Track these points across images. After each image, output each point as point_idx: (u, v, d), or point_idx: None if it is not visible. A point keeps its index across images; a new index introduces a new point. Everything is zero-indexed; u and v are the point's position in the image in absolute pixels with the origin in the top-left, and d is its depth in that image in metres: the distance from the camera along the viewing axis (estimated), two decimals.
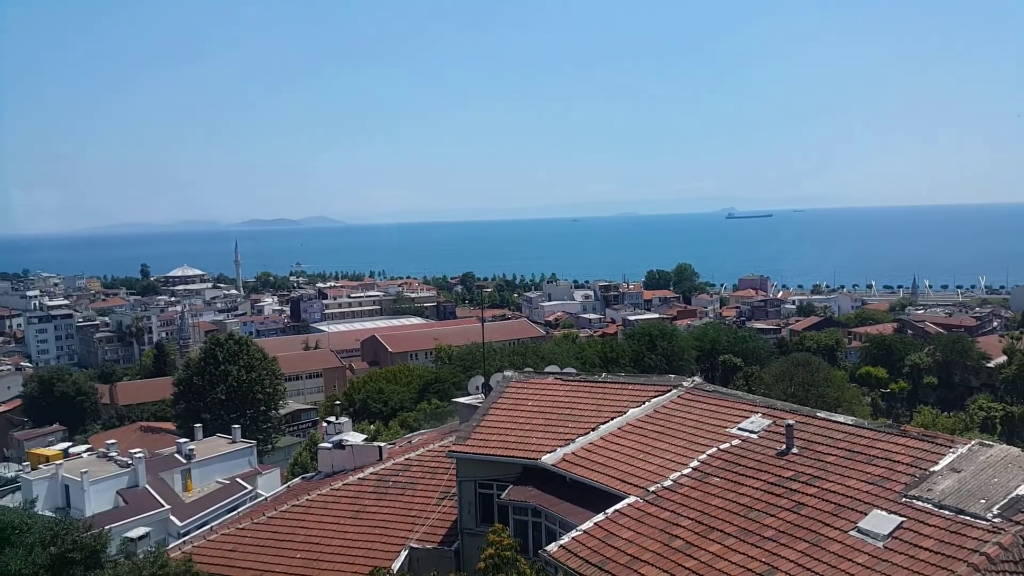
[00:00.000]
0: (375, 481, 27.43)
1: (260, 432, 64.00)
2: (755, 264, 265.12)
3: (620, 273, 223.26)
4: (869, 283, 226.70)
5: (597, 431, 22.29)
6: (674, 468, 19.47)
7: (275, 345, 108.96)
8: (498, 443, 22.94)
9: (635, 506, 18.25)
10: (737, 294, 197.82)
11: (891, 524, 14.77)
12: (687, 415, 22.39)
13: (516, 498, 21.04)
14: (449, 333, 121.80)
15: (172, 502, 38.76)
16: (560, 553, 17.03)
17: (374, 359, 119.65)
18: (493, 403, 25.39)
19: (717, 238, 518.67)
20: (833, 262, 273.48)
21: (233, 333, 79.91)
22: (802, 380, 64.05)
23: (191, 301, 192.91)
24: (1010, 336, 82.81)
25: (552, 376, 27.77)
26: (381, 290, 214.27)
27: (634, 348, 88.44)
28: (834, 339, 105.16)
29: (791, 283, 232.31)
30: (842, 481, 16.74)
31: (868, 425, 19.44)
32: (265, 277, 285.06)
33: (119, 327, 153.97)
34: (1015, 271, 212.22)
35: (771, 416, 20.72)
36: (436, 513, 24.69)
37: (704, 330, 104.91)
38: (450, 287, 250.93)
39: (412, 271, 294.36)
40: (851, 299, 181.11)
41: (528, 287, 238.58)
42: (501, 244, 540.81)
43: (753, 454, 19.07)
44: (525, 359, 71.79)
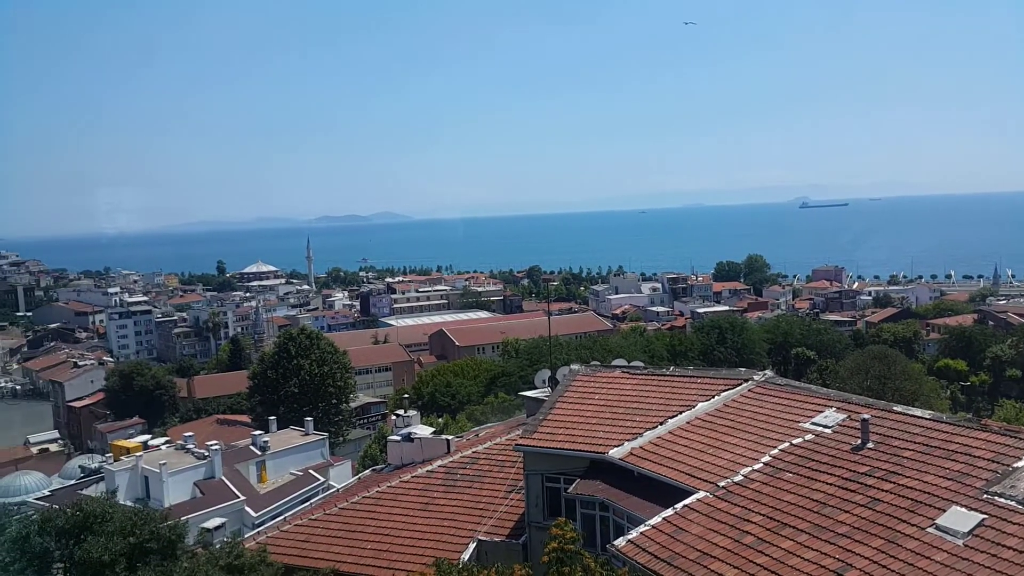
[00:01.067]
0: (443, 474, 27.84)
1: (331, 425, 65.43)
2: (829, 255, 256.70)
3: (688, 265, 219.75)
4: (948, 273, 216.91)
5: (665, 425, 22.12)
6: (745, 463, 19.22)
7: (345, 339, 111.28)
8: (565, 437, 22.98)
9: (705, 501, 18.10)
10: (810, 285, 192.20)
11: (971, 522, 14.29)
12: (758, 409, 22.04)
13: (583, 492, 21.08)
14: (516, 327, 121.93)
15: (247, 493, 39.87)
16: (628, 548, 17.03)
17: (442, 353, 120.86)
18: (560, 397, 25.43)
19: (790, 228, 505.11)
20: (911, 252, 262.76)
21: (305, 328, 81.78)
22: (878, 373, 62.04)
23: (265, 297, 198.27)
24: None
25: (619, 369, 27.58)
26: (448, 284, 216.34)
27: (703, 341, 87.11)
28: (911, 331, 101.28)
29: (867, 274, 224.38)
30: (919, 477, 16.27)
31: (947, 419, 18.79)
32: (335, 273, 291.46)
33: (196, 322, 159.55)
34: None
35: (846, 410, 20.24)
36: (504, 506, 24.92)
37: (776, 322, 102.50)
38: (517, 281, 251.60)
39: (479, 265, 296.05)
40: (929, 289, 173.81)
41: (595, 280, 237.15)
42: (568, 237, 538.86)
43: (827, 449, 18.67)
44: (592, 352, 71.57)
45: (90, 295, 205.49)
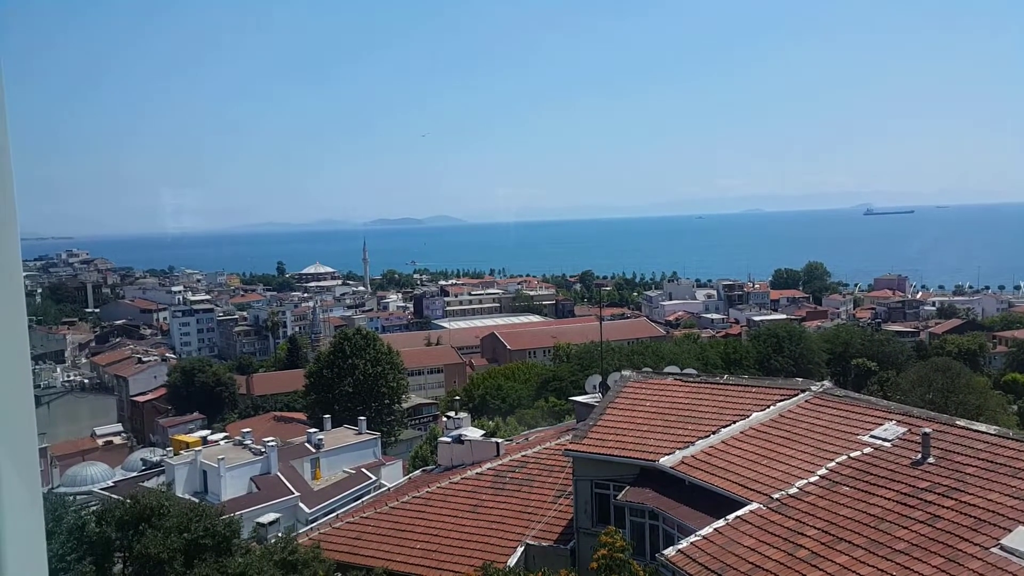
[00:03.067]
0: (492, 476, 27.99)
1: (384, 424, 66.14)
2: (893, 263, 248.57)
3: (745, 272, 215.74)
4: (1017, 284, 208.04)
5: (718, 434, 21.90)
6: (800, 475, 18.88)
7: (399, 340, 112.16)
8: (615, 443, 22.90)
9: (758, 513, 17.83)
10: (872, 294, 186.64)
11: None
12: (815, 421, 21.61)
13: (633, 499, 20.98)
14: (567, 331, 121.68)
15: (301, 489, 40.68)
16: (678, 558, 16.88)
17: (493, 356, 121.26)
18: (611, 402, 25.34)
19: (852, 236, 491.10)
20: (978, 261, 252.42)
21: (360, 328, 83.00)
22: (941, 386, 59.90)
23: (322, 297, 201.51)
24: None
25: (671, 376, 27.39)
26: (501, 288, 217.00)
27: (759, 349, 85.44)
28: (977, 343, 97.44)
29: (932, 283, 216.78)
30: (983, 494, 15.72)
31: (1013, 435, 18.10)
32: (390, 275, 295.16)
33: (256, 321, 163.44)
34: None
35: (906, 423, 19.69)
36: (552, 511, 24.94)
37: (835, 332, 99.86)
38: (569, 285, 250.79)
39: (531, 269, 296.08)
40: (996, 301, 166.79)
41: (648, 286, 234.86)
42: (623, 241, 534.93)
43: (886, 463, 18.21)
44: (644, 359, 70.87)
45: (155, 293, 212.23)
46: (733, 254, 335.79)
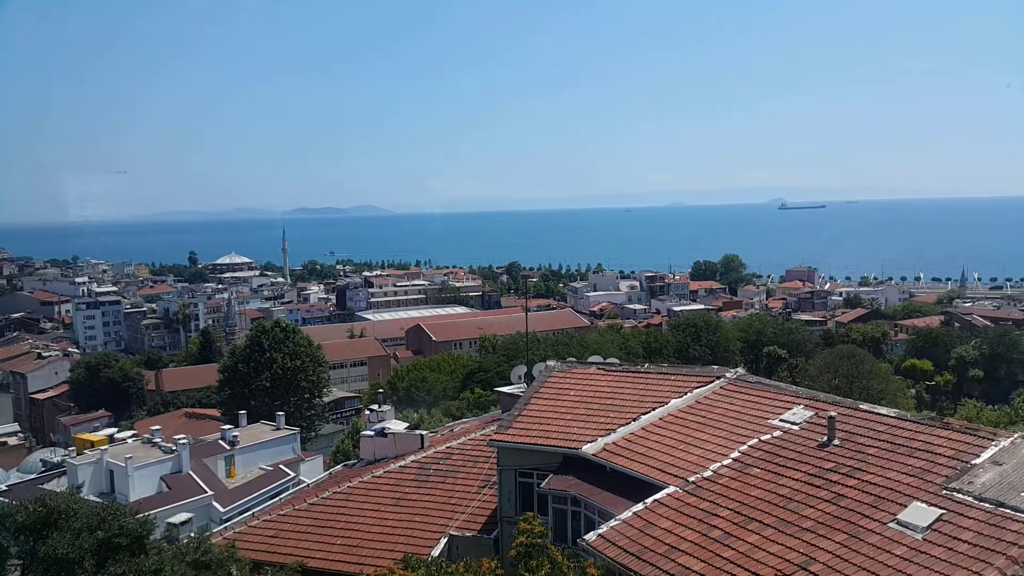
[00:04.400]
0: (416, 469, 27.81)
1: (304, 419, 64.93)
2: (804, 256, 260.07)
3: (667, 264, 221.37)
4: (917, 275, 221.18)
5: (638, 421, 22.32)
6: (714, 459, 19.51)
7: (320, 333, 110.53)
8: (539, 432, 23.07)
9: (674, 496, 18.34)
10: (784, 285, 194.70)
11: (930, 517, 14.68)
12: (729, 406, 22.35)
13: (556, 487, 21.22)
14: (494, 322, 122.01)
15: (215, 488, 39.30)
16: (598, 542, 17.21)
17: (418, 348, 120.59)
18: (535, 392, 25.50)
19: (767, 229, 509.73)
20: (882, 254, 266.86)
21: (279, 321, 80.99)
22: (847, 372, 63.15)
23: (238, 289, 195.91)
24: None
25: (595, 366, 27.71)
26: (427, 279, 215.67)
27: (679, 339, 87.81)
28: (880, 331, 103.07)
29: (839, 275, 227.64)
30: (883, 473, 16.65)
31: (911, 417, 19.23)
32: (312, 265, 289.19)
33: (166, 314, 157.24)
34: None
35: (813, 408, 20.61)
36: (476, 501, 24.98)
37: (749, 321, 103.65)
38: (496, 277, 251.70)
39: (458, 260, 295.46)
40: (898, 291, 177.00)
41: (574, 277, 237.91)
42: (550, 234, 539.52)
43: (794, 445, 19.01)
44: (569, 349, 71.80)
45: (56, 284, 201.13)
46: (656, 247, 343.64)
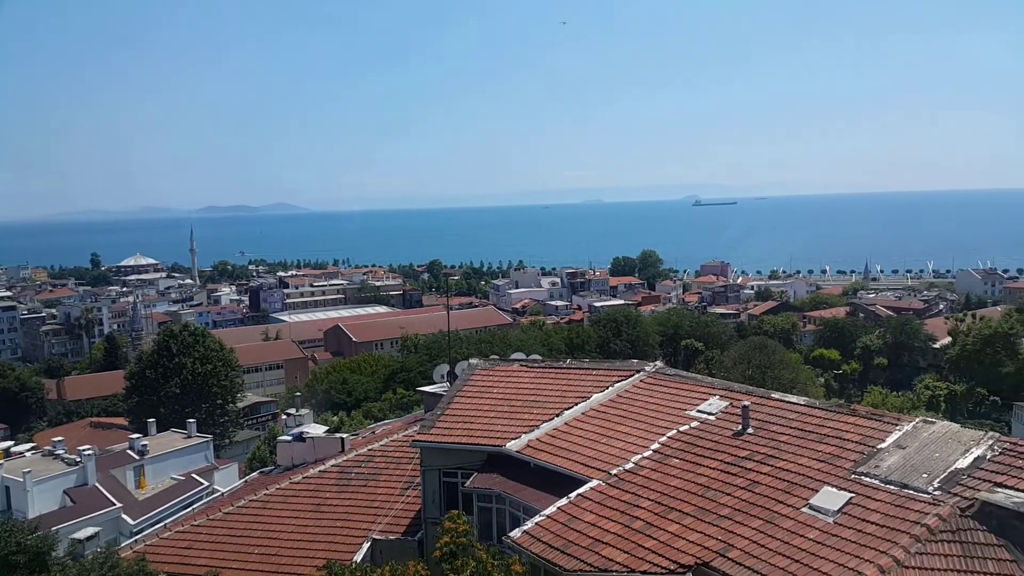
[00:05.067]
0: (337, 473, 27.25)
1: (217, 426, 63.05)
2: (717, 251, 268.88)
3: (587, 260, 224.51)
4: (823, 268, 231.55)
5: (561, 417, 22.48)
6: (635, 451, 19.80)
7: (233, 336, 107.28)
8: (463, 431, 22.96)
9: (597, 489, 18.51)
10: (699, 280, 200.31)
11: (840, 500, 15.30)
12: (648, 399, 22.76)
13: (480, 485, 21.14)
14: (415, 322, 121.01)
15: (124, 500, 37.79)
16: (523, 538, 17.18)
17: (338, 349, 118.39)
18: (458, 391, 25.38)
19: (682, 225, 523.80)
20: (790, 248, 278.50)
21: (188, 324, 77.82)
22: (759, 363, 65.44)
23: (144, 292, 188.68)
24: (955, 318, 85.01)
25: (517, 363, 27.84)
26: (345, 278, 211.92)
27: (600, 334, 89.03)
28: (790, 323, 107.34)
29: (750, 269, 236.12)
30: (795, 459, 17.25)
31: (820, 405, 20.04)
32: (222, 266, 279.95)
33: (67, 319, 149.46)
34: (960, 256, 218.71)
35: (728, 398, 21.20)
36: (400, 504, 24.63)
37: (667, 315, 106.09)
38: (417, 275, 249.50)
39: (378, 259, 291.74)
40: (806, 284, 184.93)
41: (496, 275, 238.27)
42: (471, 231, 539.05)
43: (711, 435, 19.50)
44: (492, 347, 71.74)
45: None
46: (576, 243, 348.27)
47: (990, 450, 15.93)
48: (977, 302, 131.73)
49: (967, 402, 65.35)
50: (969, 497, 14.51)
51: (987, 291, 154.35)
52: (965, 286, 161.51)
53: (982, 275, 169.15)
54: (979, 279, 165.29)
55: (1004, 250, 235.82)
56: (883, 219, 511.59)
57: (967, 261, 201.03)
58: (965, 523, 14.00)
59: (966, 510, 14.26)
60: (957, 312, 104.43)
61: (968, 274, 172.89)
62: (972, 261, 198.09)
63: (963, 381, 68.23)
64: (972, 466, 15.49)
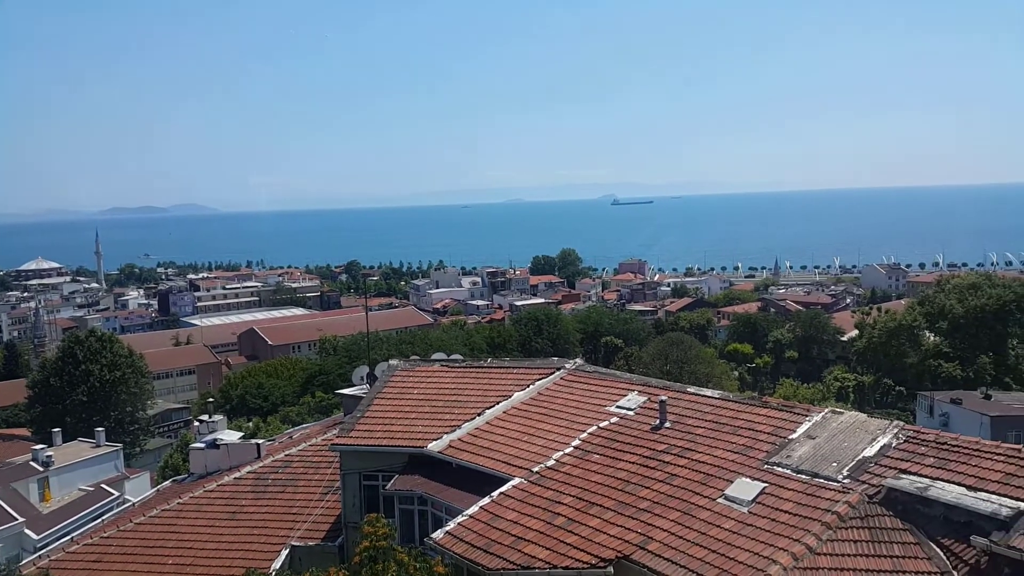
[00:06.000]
0: (253, 480, 26.45)
1: (126, 435, 60.75)
2: (635, 249, 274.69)
3: (507, 259, 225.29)
4: (736, 265, 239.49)
5: (483, 416, 22.44)
6: (557, 448, 19.91)
7: (142, 341, 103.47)
8: (383, 433, 22.68)
9: (519, 487, 18.51)
10: (618, 278, 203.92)
11: (754, 490, 15.75)
12: (569, 396, 22.93)
13: (401, 487, 20.88)
14: (333, 323, 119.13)
15: (26, 514, 35.73)
16: (445, 539, 17.03)
17: (252, 353, 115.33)
18: (378, 393, 25.07)
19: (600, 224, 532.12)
20: (705, 246, 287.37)
21: (94, 330, 74.55)
22: (676, 358, 67.18)
23: (46, 296, 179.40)
24: (861, 312, 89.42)
25: (438, 363, 27.68)
26: (260, 280, 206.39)
27: (521, 333, 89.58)
28: (705, 318, 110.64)
29: (667, 267, 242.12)
30: (710, 452, 17.68)
31: (734, 398, 20.65)
32: (130, 269, 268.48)
33: None
34: (865, 252, 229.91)
35: (646, 393, 21.56)
36: (319, 509, 24.09)
37: (587, 313, 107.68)
38: (335, 276, 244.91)
39: (294, 260, 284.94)
40: (720, 280, 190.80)
41: (416, 275, 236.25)
42: (390, 232, 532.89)
43: (630, 430, 19.78)
44: (412, 347, 71.18)
45: None
46: (496, 242, 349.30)
47: (895, 438, 16.69)
48: (882, 296, 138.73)
49: (874, 392, 68.94)
50: (876, 484, 15.16)
51: (891, 285, 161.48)
52: (870, 281, 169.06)
53: (886, 270, 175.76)
54: (883, 274, 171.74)
55: (907, 245, 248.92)
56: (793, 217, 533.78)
57: (872, 256, 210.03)
58: (873, 509, 14.62)
59: (873, 497, 14.91)
60: (863, 306, 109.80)
61: (873, 269, 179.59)
62: (877, 256, 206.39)
63: (870, 372, 71.89)
64: (878, 454, 16.20)
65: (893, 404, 64.77)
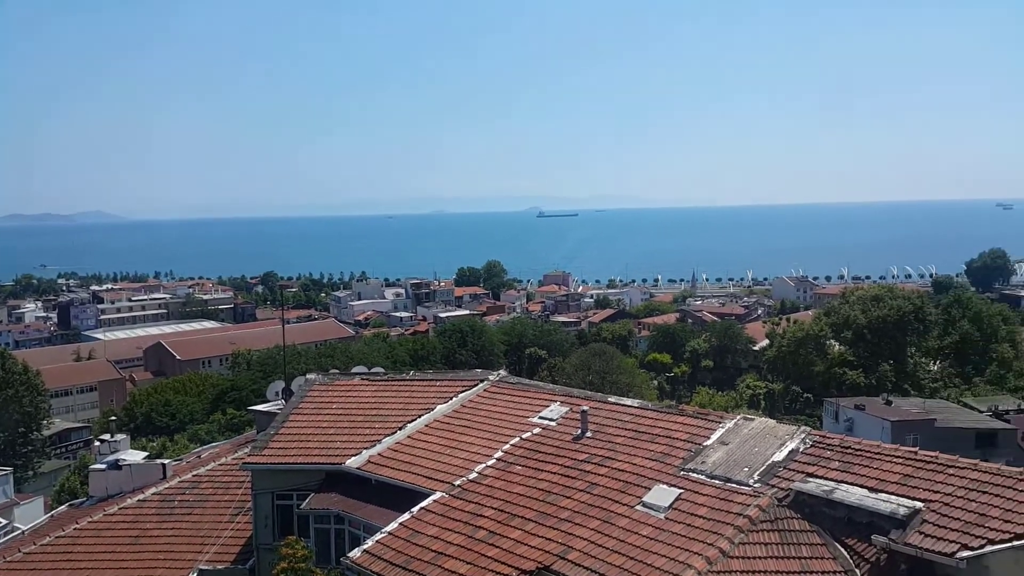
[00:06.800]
0: (158, 502, 25.17)
1: (19, 457, 57.39)
2: (559, 261, 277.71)
3: (432, 271, 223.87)
4: (656, 277, 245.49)
5: (404, 430, 22.13)
6: (479, 460, 19.74)
7: (39, 357, 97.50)
8: (299, 450, 22.05)
9: (440, 502, 18.24)
10: (542, 289, 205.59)
11: (671, 496, 15.99)
12: (492, 408, 22.83)
13: (317, 506, 20.28)
14: (248, 337, 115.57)
15: None
16: (363, 558, 16.60)
17: (160, 369, 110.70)
18: (294, 408, 24.39)
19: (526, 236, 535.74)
20: (626, 258, 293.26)
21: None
22: (598, 368, 68.08)
23: None
24: (771, 322, 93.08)
25: (359, 377, 27.23)
26: (169, 292, 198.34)
27: (445, 345, 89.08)
28: (626, 329, 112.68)
29: (590, 279, 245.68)
30: (630, 460, 17.87)
31: (652, 407, 21.02)
32: (27, 280, 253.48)
33: None
34: (776, 265, 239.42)
35: (568, 403, 21.67)
36: (229, 531, 23.11)
37: (512, 325, 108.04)
38: (250, 287, 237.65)
39: (206, 271, 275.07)
40: (641, 292, 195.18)
41: (337, 286, 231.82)
42: (310, 242, 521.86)
43: (552, 440, 19.81)
44: (332, 360, 69.72)
45: None
46: (421, 254, 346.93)
47: (802, 443, 17.28)
48: (791, 307, 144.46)
49: (783, 399, 71.61)
50: (785, 488, 15.65)
51: (799, 297, 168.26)
52: (780, 292, 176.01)
53: (795, 282, 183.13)
54: (792, 286, 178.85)
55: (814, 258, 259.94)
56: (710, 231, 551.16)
57: (782, 269, 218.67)
58: (782, 512, 15.07)
59: (783, 500, 15.37)
60: (773, 317, 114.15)
61: (783, 281, 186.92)
62: (786, 269, 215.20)
63: (779, 380, 74.64)
64: (787, 458, 16.73)
65: (801, 410, 67.40)
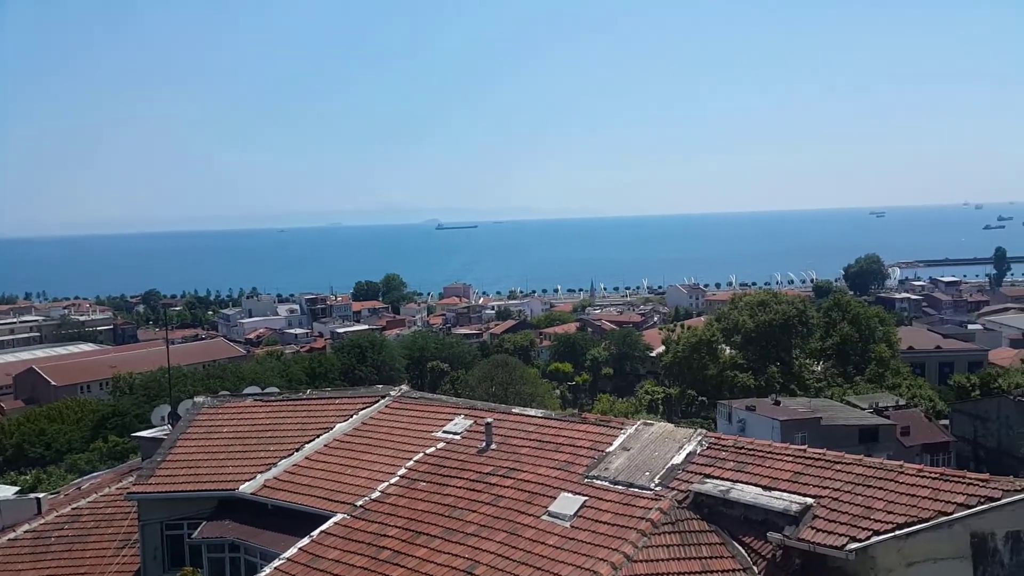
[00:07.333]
0: (32, 540, 23.29)
1: None
2: (460, 273, 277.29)
3: (328, 285, 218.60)
4: (555, 287, 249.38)
5: (302, 451, 21.57)
6: (382, 479, 19.36)
7: None
8: (188, 477, 21.11)
9: (342, 524, 17.75)
10: (443, 302, 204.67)
11: (576, 504, 16.15)
12: (394, 424, 22.46)
13: (210, 535, 19.39)
14: (130, 359, 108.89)
15: None
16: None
17: (32, 396, 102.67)
18: (182, 433, 23.31)
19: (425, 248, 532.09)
20: (526, 269, 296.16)
21: None
22: (502, 380, 68.18)
23: None
24: (667, 329, 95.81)
25: (251, 398, 26.31)
26: (41, 314, 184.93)
27: (344, 361, 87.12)
28: (528, 340, 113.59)
29: (491, 290, 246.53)
30: (535, 470, 17.93)
31: (555, 416, 21.20)
32: None
33: None
34: (669, 273, 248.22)
35: (472, 416, 21.58)
36: (115, 566, 21.69)
37: (413, 338, 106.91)
38: (130, 307, 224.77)
39: (82, 290, 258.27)
40: (541, 303, 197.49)
41: (225, 304, 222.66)
42: (195, 257, 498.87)
43: (456, 455, 19.65)
44: (222, 382, 66.66)
45: None
46: (315, 268, 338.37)
47: (699, 445, 17.84)
48: (684, 314, 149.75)
49: (680, 403, 73.89)
50: (684, 490, 16.10)
51: (692, 304, 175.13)
52: (674, 300, 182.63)
53: (687, 290, 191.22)
54: (685, 293, 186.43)
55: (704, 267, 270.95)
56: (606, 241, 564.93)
57: (675, 277, 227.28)
58: (682, 514, 15.48)
59: (683, 502, 15.80)
60: (668, 323, 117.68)
61: (676, 289, 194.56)
62: (679, 277, 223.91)
63: (676, 384, 76.97)
64: (685, 461, 17.23)
65: (697, 413, 69.78)
